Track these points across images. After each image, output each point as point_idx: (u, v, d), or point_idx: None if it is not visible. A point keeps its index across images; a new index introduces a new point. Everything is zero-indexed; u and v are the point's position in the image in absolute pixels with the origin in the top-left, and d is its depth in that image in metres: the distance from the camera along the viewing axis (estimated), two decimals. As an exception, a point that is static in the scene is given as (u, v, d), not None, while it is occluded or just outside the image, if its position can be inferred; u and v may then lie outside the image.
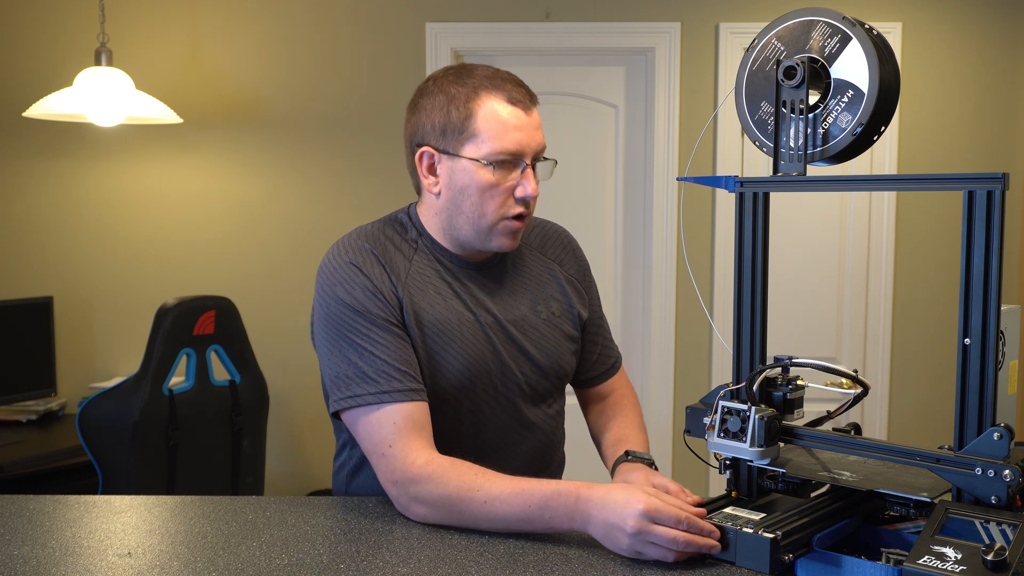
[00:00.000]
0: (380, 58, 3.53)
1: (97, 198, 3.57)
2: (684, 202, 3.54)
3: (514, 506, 1.28)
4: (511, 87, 1.48)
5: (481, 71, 1.49)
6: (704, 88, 3.54)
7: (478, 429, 1.53)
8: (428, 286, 1.51)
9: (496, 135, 1.44)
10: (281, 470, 3.65)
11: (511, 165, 1.46)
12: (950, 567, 1.00)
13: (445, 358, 1.48)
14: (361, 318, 1.44)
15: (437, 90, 1.49)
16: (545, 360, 1.57)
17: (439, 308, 1.49)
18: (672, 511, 1.17)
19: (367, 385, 1.40)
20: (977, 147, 3.58)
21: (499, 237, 1.50)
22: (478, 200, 1.47)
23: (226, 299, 2.93)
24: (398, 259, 1.51)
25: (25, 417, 3.33)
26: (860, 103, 1.20)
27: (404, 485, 1.36)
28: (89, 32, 3.32)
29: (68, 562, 1.21)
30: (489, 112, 1.45)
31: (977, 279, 1.11)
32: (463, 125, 1.45)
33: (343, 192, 3.58)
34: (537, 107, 1.51)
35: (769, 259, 1.31)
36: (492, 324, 1.53)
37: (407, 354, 1.44)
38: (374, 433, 1.40)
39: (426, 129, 1.49)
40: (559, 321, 1.61)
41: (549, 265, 1.65)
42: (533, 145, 1.48)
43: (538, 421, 1.59)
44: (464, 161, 1.46)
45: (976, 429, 1.12)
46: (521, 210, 1.48)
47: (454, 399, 1.50)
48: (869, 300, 3.61)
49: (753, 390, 1.26)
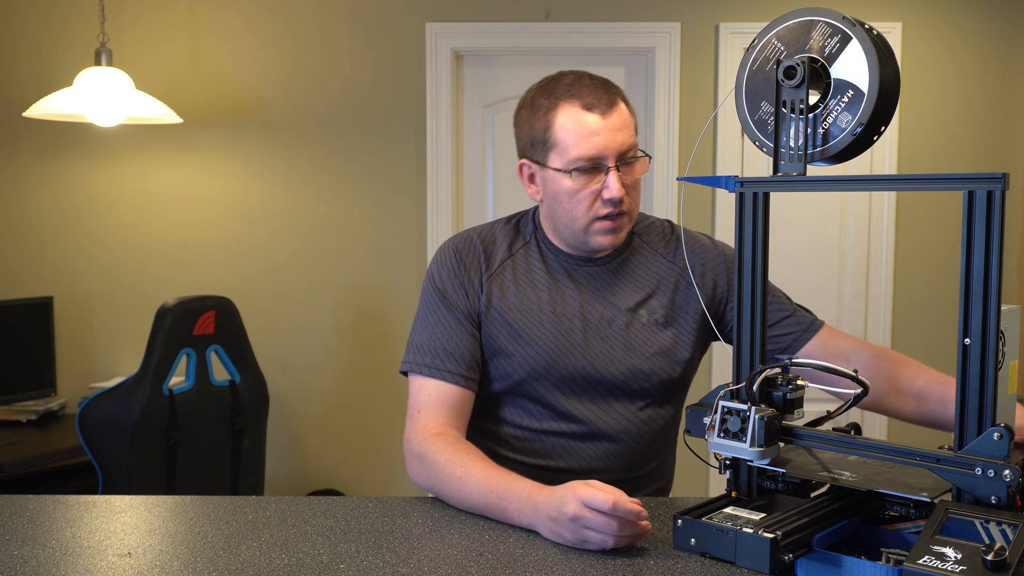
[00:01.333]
0: (380, 58, 3.54)
1: (97, 198, 3.57)
2: (684, 202, 3.54)
3: (481, 490, 1.37)
4: (588, 92, 1.52)
5: (566, 79, 1.56)
6: (704, 88, 3.54)
7: (548, 418, 1.58)
8: (519, 278, 1.60)
9: (573, 143, 1.51)
10: (281, 470, 3.65)
11: (593, 170, 1.51)
12: (950, 567, 1.00)
13: (518, 346, 1.56)
14: (437, 297, 1.59)
15: (529, 103, 1.59)
16: (630, 362, 1.58)
17: (520, 299, 1.58)
18: (601, 495, 1.21)
19: (424, 356, 1.56)
20: (977, 147, 3.58)
21: (595, 237, 1.56)
22: (568, 206, 1.54)
23: (226, 299, 2.93)
24: (500, 251, 1.63)
25: (25, 417, 3.33)
26: (860, 103, 1.20)
27: (412, 447, 1.50)
28: (89, 32, 3.32)
29: (68, 562, 1.21)
30: (565, 121, 1.52)
31: (977, 279, 1.11)
32: (545, 136, 1.54)
33: (343, 192, 3.58)
34: (624, 104, 1.54)
35: (769, 259, 1.31)
36: (580, 318, 1.58)
37: (467, 344, 1.56)
38: (414, 395, 1.55)
39: (523, 142, 1.60)
40: (662, 327, 1.60)
41: (673, 269, 1.64)
42: (614, 147, 1.51)
43: (621, 420, 1.58)
44: (551, 171, 1.54)
45: (976, 429, 1.12)
46: (610, 210, 1.53)
47: (526, 384, 1.57)
48: (869, 300, 3.61)
49: (753, 390, 1.26)
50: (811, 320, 1.65)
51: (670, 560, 1.20)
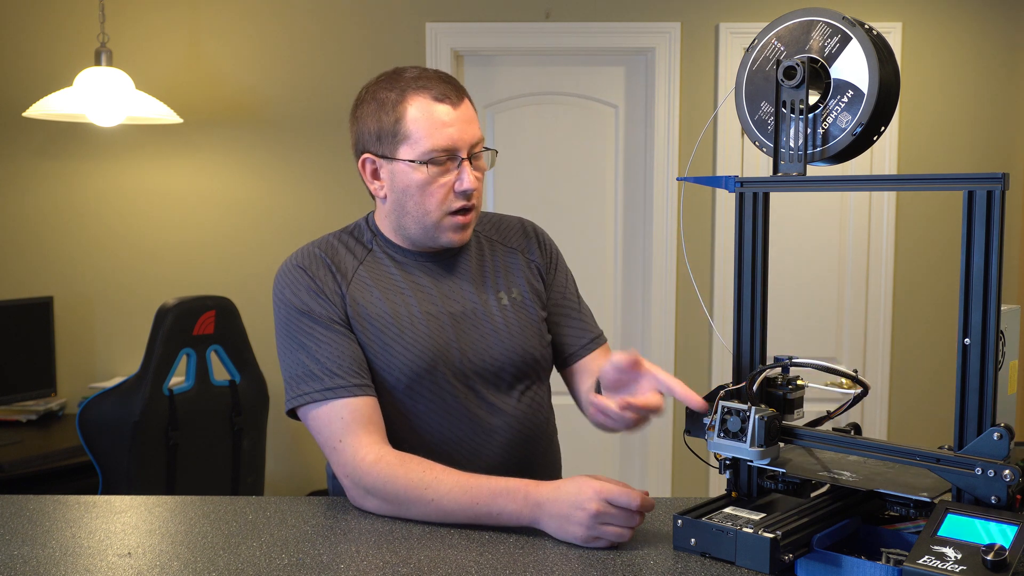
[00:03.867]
0: (380, 58, 3.53)
1: (97, 198, 3.57)
2: (684, 202, 3.54)
3: (461, 502, 1.33)
4: (437, 84, 1.50)
5: (409, 73, 1.52)
6: (704, 88, 3.54)
7: (444, 419, 1.53)
8: (376, 284, 1.54)
9: (427, 134, 1.47)
10: (281, 470, 3.65)
11: (447, 161, 1.49)
12: (950, 567, 1.00)
13: (396, 351, 1.50)
14: (306, 318, 1.49)
15: (370, 97, 1.53)
16: (507, 345, 1.56)
17: (387, 304, 1.52)
18: (625, 491, 1.24)
19: (313, 383, 1.45)
20: (977, 147, 3.58)
21: (446, 232, 1.53)
22: (420, 199, 1.50)
23: (226, 299, 2.93)
24: (348, 260, 1.55)
25: (25, 417, 3.33)
26: (860, 103, 1.20)
27: (356, 479, 1.41)
28: (89, 32, 3.32)
29: (68, 562, 1.21)
30: (417, 112, 1.48)
31: (977, 279, 1.11)
32: (395, 128, 1.49)
33: (343, 192, 3.58)
34: (469, 100, 1.53)
35: (769, 259, 1.31)
36: (446, 314, 1.54)
37: (351, 351, 1.48)
38: (324, 428, 1.45)
39: (364, 137, 1.54)
40: (522, 306, 1.61)
41: (509, 254, 1.66)
42: (466, 139, 1.50)
43: (508, 408, 1.57)
44: (401, 163, 1.50)
45: (976, 429, 1.12)
46: (463, 203, 1.51)
47: (411, 390, 1.51)
48: (869, 300, 3.61)
49: (753, 390, 1.26)
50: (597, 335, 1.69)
51: (670, 560, 1.20)
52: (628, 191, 3.64)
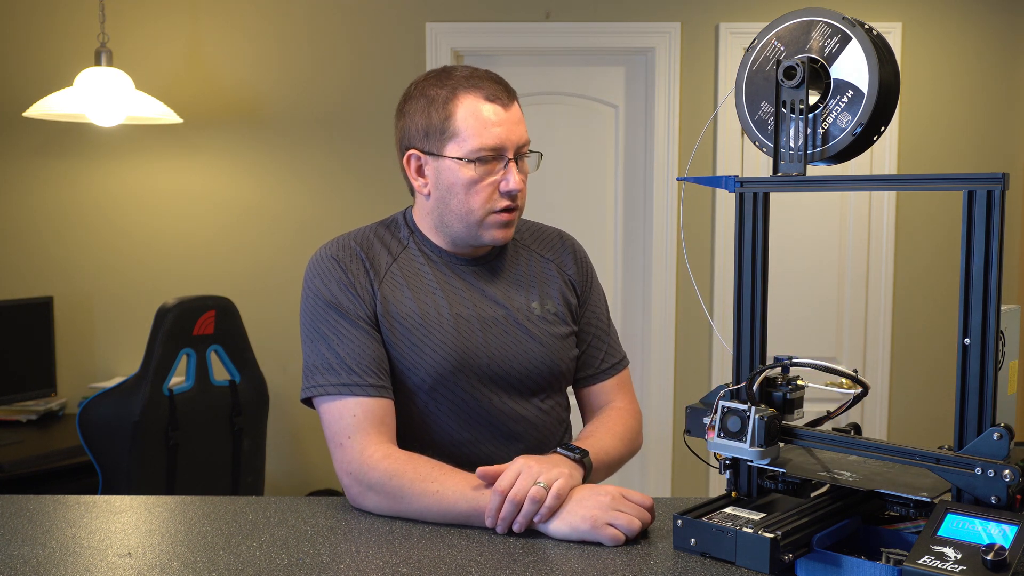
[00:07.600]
0: (380, 58, 3.53)
1: (97, 198, 3.57)
2: (684, 202, 3.54)
3: (468, 498, 1.33)
4: (488, 84, 1.51)
5: (460, 72, 1.53)
6: (704, 88, 3.54)
7: (464, 423, 1.54)
8: (408, 282, 1.54)
9: (476, 132, 1.48)
10: (281, 470, 3.65)
11: (494, 161, 1.50)
12: (950, 567, 1.00)
13: (422, 351, 1.50)
14: (332, 311, 1.50)
15: (419, 94, 1.54)
16: (536, 354, 1.57)
17: (416, 304, 1.52)
18: (638, 492, 1.32)
19: (330, 376, 1.46)
20: (977, 147, 3.58)
21: (490, 230, 1.53)
22: (464, 197, 1.51)
23: (226, 299, 2.93)
24: (383, 256, 1.56)
25: (25, 417, 3.33)
26: (860, 103, 1.20)
27: (359, 476, 1.40)
28: (89, 32, 3.32)
29: (68, 562, 1.21)
30: (468, 111, 1.49)
31: (977, 279, 1.11)
32: (444, 126, 1.50)
33: (344, 192, 3.58)
34: (517, 102, 1.54)
35: (769, 259, 1.31)
36: (476, 318, 1.54)
37: (373, 351, 1.48)
38: (334, 423, 1.46)
39: (411, 133, 1.54)
40: (554, 317, 1.61)
41: (545, 263, 1.66)
42: (514, 139, 1.50)
43: (529, 416, 1.58)
44: (448, 161, 1.50)
45: (976, 429, 1.12)
46: (508, 203, 1.51)
47: (435, 391, 1.51)
48: (869, 300, 3.61)
49: (753, 390, 1.26)
50: (615, 362, 1.72)
51: (670, 560, 1.20)
52: (628, 191, 3.64)
